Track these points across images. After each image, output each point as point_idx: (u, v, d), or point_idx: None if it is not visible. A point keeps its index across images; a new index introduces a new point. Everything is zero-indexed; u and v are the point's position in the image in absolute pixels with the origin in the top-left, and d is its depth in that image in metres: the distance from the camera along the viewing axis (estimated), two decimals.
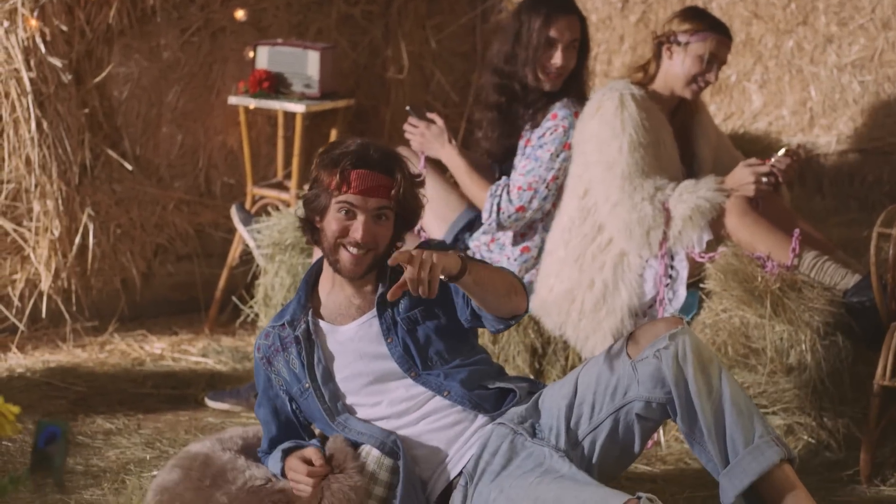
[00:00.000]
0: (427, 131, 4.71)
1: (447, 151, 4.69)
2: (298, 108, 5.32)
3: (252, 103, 5.38)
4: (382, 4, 5.92)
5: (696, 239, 4.32)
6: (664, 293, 4.33)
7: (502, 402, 3.55)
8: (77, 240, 5.24)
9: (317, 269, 3.68)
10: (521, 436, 3.44)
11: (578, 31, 4.59)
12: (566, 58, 4.58)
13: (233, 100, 5.41)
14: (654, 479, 4.08)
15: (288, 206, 5.22)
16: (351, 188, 3.48)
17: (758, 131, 5.36)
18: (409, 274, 3.21)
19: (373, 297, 3.58)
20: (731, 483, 3.35)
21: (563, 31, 4.56)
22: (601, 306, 4.36)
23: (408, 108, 4.78)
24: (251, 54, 5.47)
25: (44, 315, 5.26)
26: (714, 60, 4.44)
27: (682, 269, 4.33)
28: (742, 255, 4.26)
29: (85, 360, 5.10)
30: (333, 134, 5.50)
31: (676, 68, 4.46)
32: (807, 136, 5.31)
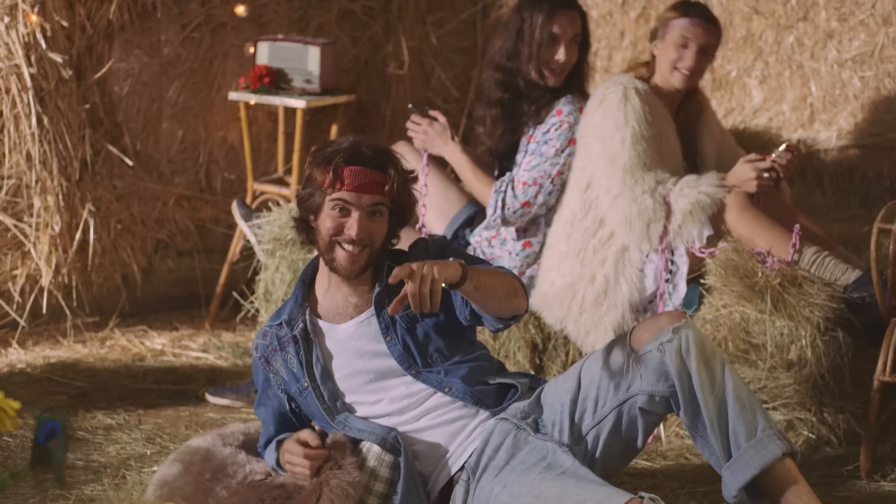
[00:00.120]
0: (430, 129, 4.71)
1: (450, 149, 4.69)
2: (299, 103, 5.31)
3: (252, 99, 5.37)
4: (383, 0, 5.91)
5: (697, 234, 4.32)
6: (664, 288, 4.33)
7: (503, 397, 3.55)
8: (78, 235, 5.23)
9: (313, 268, 3.67)
10: (524, 431, 3.44)
11: (580, 27, 4.60)
12: (569, 53, 4.58)
13: (233, 95, 5.41)
14: (655, 474, 4.08)
15: (288, 202, 5.22)
16: (345, 185, 3.47)
17: (758, 127, 5.36)
18: (410, 289, 3.20)
19: (370, 296, 3.57)
20: (733, 476, 3.35)
21: (565, 26, 4.56)
22: (602, 301, 4.37)
23: (410, 106, 4.77)
24: (252, 50, 5.46)
25: (44, 310, 5.26)
26: (690, 45, 4.43)
27: (683, 264, 4.33)
28: (742, 251, 4.26)
29: (85, 356, 5.10)
30: (334, 130, 5.50)
31: (661, 59, 4.48)
32: (807, 132, 5.31)
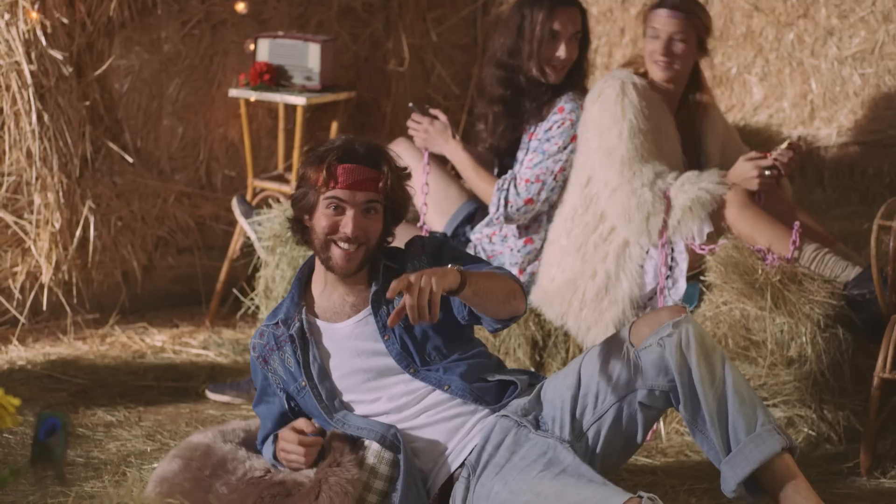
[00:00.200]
0: (430, 127, 4.71)
1: (451, 147, 4.69)
2: (299, 100, 5.31)
3: (253, 96, 5.37)
4: None
5: (697, 231, 4.32)
6: (664, 284, 4.33)
7: (503, 394, 3.55)
8: (78, 232, 5.23)
9: (309, 267, 3.67)
10: (524, 428, 3.44)
11: (580, 23, 4.60)
12: (569, 50, 4.58)
13: (233, 92, 5.40)
14: (655, 471, 4.08)
15: (289, 199, 5.21)
16: (338, 183, 3.47)
17: (758, 124, 5.36)
18: (408, 302, 3.19)
19: (367, 295, 3.56)
20: (732, 471, 3.36)
21: (565, 23, 4.56)
22: (603, 296, 4.37)
23: (410, 105, 4.77)
24: (252, 47, 5.46)
25: (45, 307, 5.26)
26: (660, 36, 4.42)
27: (682, 260, 4.33)
28: (742, 248, 4.26)
29: (86, 353, 5.10)
30: (334, 127, 5.50)
31: (644, 54, 4.49)
32: (807, 129, 5.31)
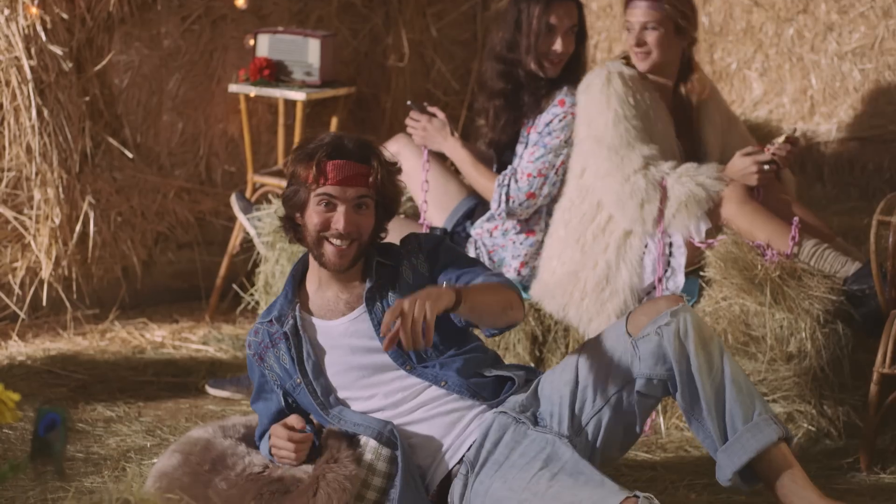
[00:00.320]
0: (429, 125, 4.71)
1: (450, 144, 4.69)
2: (299, 95, 5.31)
3: (252, 91, 5.37)
4: None
5: (694, 228, 4.32)
6: (662, 275, 4.33)
7: (500, 389, 3.54)
8: (78, 228, 5.23)
9: (303, 264, 3.66)
10: (523, 425, 3.43)
11: (576, 17, 4.61)
12: (566, 44, 4.59)
13: (233, 88, 5.40)
14: (655, 466, 4.09)
15: (279, 198, 5.22)
16: (329, 179, 3.46)
17: (758, 119, 5.36)
18: (402, 330, 3.17)
19: (361, 292, 3.56)
20: (728, 459, 3.37)
21: (562, 17, 4.57)
22: (604, 287, 4.37)
23: (409, 103, 4.76)
24: (252, 42, 5.46)
25: (44, 303, 5.26)
26: (634, 27, 4.45)
27: (680, 254, 4.33)
28: (742, 243, 4.26)
29: (85, 348, 5.10)
30: (334, 122, 5.50)
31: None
32: (807, 124, 5.30)
